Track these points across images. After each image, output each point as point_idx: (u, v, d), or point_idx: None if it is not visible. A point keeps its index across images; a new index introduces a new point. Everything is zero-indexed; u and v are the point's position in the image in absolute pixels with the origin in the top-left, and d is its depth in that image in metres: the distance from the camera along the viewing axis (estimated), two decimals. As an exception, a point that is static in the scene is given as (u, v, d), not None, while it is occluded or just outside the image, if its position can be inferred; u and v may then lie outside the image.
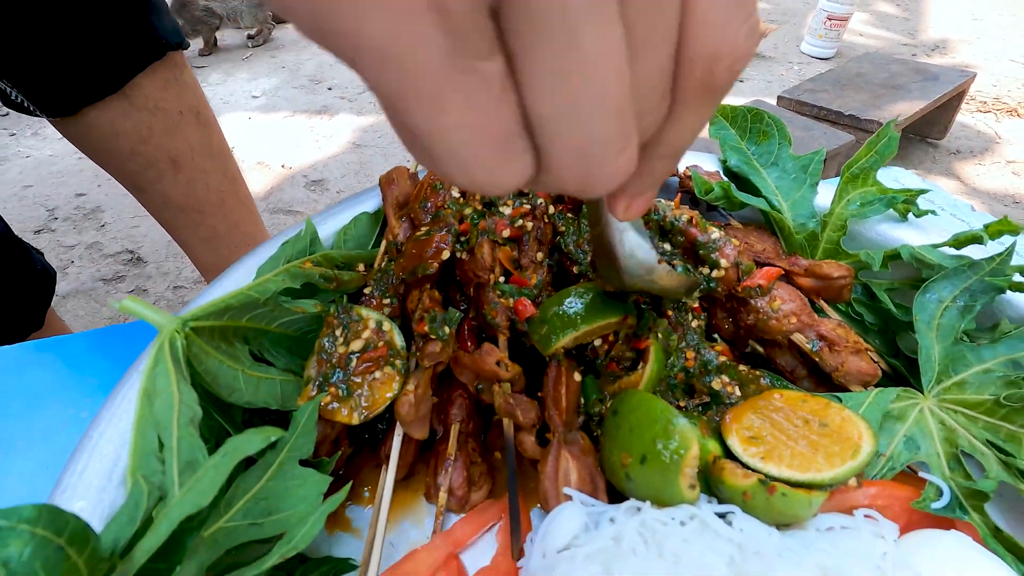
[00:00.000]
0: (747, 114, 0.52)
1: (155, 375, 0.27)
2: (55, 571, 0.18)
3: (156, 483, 0.25)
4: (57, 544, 0.18)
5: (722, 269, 0.41)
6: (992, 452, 0.33)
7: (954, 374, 0.37)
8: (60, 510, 0.18)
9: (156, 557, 0.21)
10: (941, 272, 0.39)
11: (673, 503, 0.30)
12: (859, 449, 0.31)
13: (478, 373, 0.38)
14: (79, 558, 0.18)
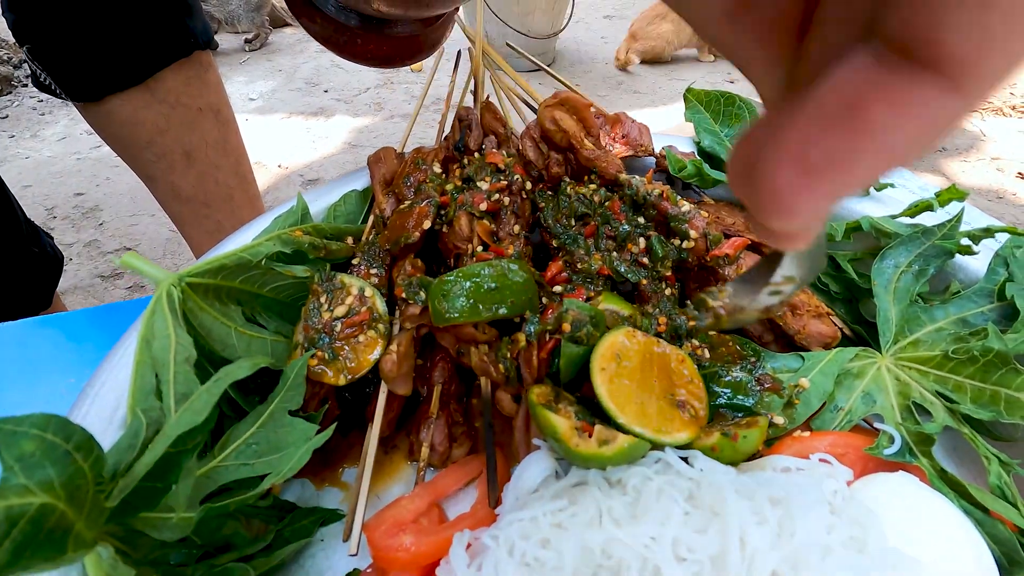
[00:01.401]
0: (720, 98, 0.54)
1: (153, 322, 0.29)
2: (64, 471, 0.19)
3: (154, 418, 0.27)
4: (65, 449, 0.20)
5: (692, 240, 0.43)
6: (940, 401, 0.35)
7: (909, 334, 0.39)
8: (68, 420, 0.20)
9: (154, 475, 0.23)
10: (895, 241, 0.42)
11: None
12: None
13: (458, 337, 0.40)
14: (84, 463, 0.20)
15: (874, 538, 0.28)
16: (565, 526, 0.28)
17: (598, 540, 0.27)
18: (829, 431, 0.37)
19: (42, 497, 0.19)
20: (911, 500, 0.31)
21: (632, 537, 0.27)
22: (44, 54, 0.76)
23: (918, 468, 0.33)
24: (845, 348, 0.40)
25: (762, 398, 0.38)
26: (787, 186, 0.12)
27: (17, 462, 0.19)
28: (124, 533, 0.25)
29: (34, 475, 0.19)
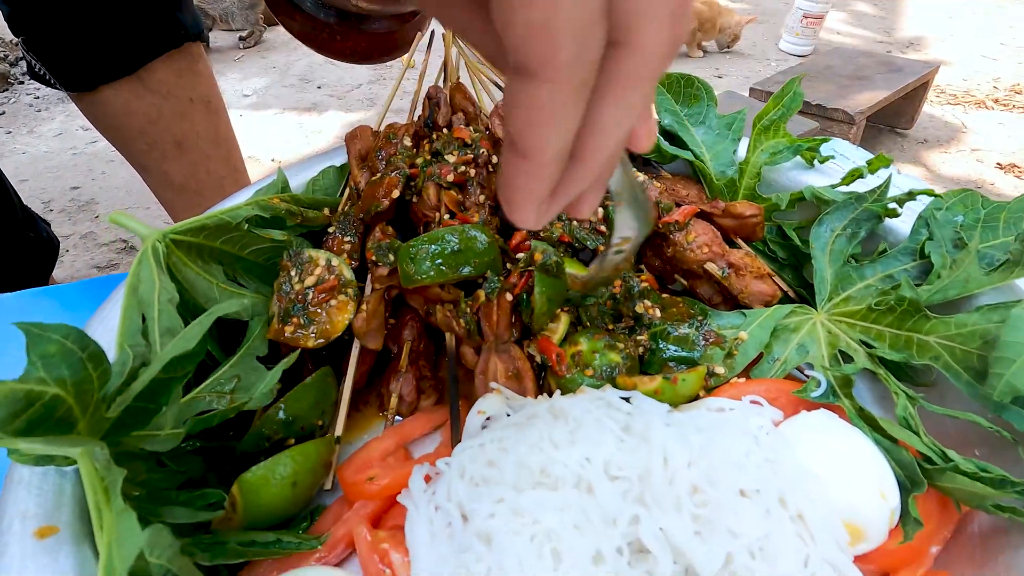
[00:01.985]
0: (680, 80, 0.57)
1: (139, 271, 0.32)
2: (76, 374, 0.23)
3: (140, 352, 0.30)
4: (80, 356, 0.23)
5: (645, 208, 0.46)
6: (862, 348, 0.39)
7: (842, 291, 0.43)
8: (85, 333, 0.23)
9: (146, 396, 0.26)
10: (831, 207, 0.45)
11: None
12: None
13: (425, 297, 0.43)
14: (94, 372, 0.23)
15: (787, 461, 0.32)
16: (508, 449, 0.31)
17: (538, 460, 0.30)
18: (765, 379, 0.40)
19: (56, 390, 0.22)
20: (827, 432, 0.34)
21: (568, 457, 0.30)
22: (38, 45, 0.79)
23: (840, 408, 0.37)
24: (782, 305, 0.43)
25: (706, 351, 0.41)
26: (524, 220, 0.19)
27: (40, 359, 0.22)
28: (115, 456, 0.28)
29: (52, 371, 0.22)
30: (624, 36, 0.15)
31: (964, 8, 3.22)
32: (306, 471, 0.34)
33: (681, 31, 0.16)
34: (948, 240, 0.39)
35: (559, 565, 0.26)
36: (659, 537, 0.28)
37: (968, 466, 0.30)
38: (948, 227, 0.40)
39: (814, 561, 0.29)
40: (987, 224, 0.39)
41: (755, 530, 0.29)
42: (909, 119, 1.87)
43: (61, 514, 0.26)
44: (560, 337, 0.41)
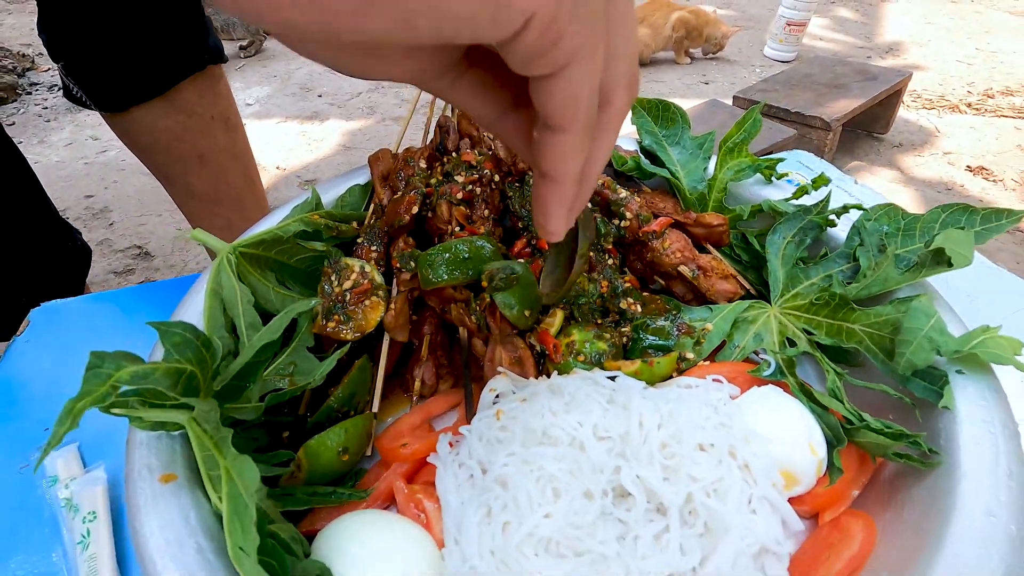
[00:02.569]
0: (659, 105, 0.65)
1: (219, 277, 0.40)
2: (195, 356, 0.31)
3: (226, 343, 0.38)
4: (196, 343, 0.31)
5: (627, 220, 0.55)
6: (804, 335, 0.47)
7: (792, 289, 0.51)
8: (197, 328, 0.31)
9: (240, 376, 0.34)
10: (784, 218, 0.53)
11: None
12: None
13: (440, 297, 0.51)
14: (206, 354, 0.31)
15: (737, 423, 0.40)
16: (516, 417, 0.39)
17: (540, 424, 0.38)
18: (727, 362, 0.48)
19: (190, 367, 0.30)
20: (771, 402, 0.42)
21: (564, 422, 0.38)
22: (76, 70, 0.87)
23: (786, 383, 0.45)
24: (743, 301, 0.51)
25: (679, 340, 0.50)
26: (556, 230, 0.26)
27: (172, 346, 0.30)
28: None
29: (183, 354, 0.30)
30: (607, 100, 0.24)
31: (941, 14, 3.33)
32: (353, 440, 0.42)
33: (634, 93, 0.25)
34: (874, 246, 0.47)
35: (558, 500, 0.34)
36: (636, 482, 0.37)
37: (876, 424, 0.39)
38: (875, 235, 0.48)
39: (756, 499, 0.37)
40: (906, 233, 0.48)
41: (710, 476, 0.37)
42: (885, 124, 1.96)
43: (176, 466, 0.34)
44: (556, 329, 0.50)
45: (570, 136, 0.22)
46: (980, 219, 0.46)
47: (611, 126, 0.25)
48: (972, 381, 0.38)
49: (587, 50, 0.20)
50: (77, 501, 0.43)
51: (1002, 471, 0.33)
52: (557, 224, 0.26)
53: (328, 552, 0.34)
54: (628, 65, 0.24)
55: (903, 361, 0.39)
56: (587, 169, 0.25)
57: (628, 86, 0.24)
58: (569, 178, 0.24)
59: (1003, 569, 0.29)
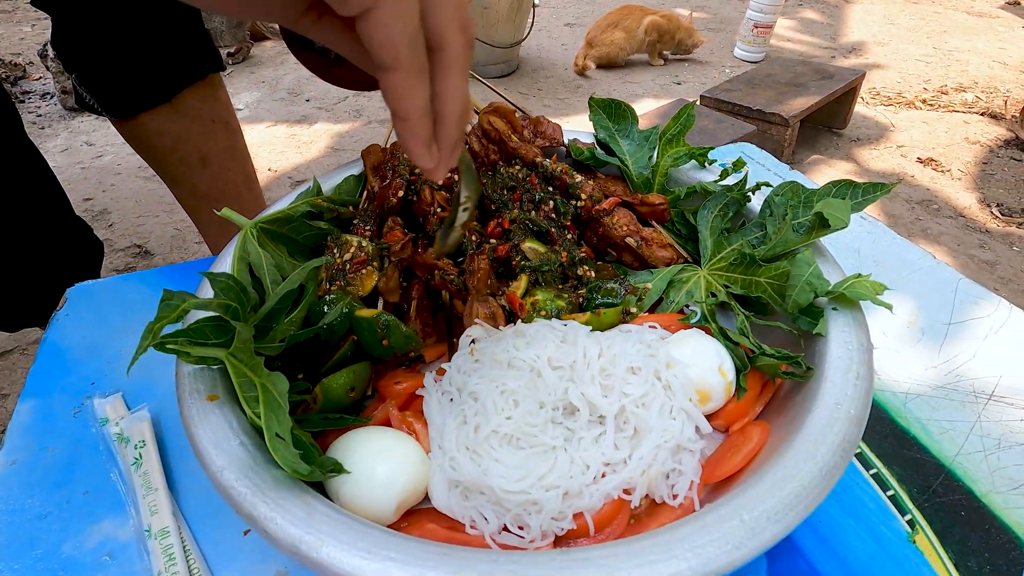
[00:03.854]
0: (612, 104, 0.76)
1: (245, 246, 0.49)
2: (237, 297, 0.40)
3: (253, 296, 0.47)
4: (236, 288, 0.40)
5: (582, 200, 0.65)
6: (723, 289, 0.58)
7: (717, 254, 0.61)
8: (236, 277, 0.41)
9: (267, 318, 0.44)
10: (711, 196, 0.64)
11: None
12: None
13: (426, 267, 0.61)
14: (245, 296, 0.41)
15: (662, 353, 0.50)
16: (486, 351, 0.49)
17: (505, 357, 0.48)
18: (663, 313, 0.59)
19: (232, 303, 0.39)
20: (692, 338, 0.53)
21: (525, 355, 0.48)
22: (89, 80, 0.95)
23: (708, 328, 0.55)
24: (676, 266, 0.62)
25: (625, 298, 0.60)
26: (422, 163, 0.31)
27: (220, 290, 0.39)
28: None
29: (228, 295, 0.39)
30: (437, 43, 0.27)
31: (902, 14, 3.49)
32: (359, 381, 0.52)
33: (471, 35, 0.28)
34: (780, 216, 0.58)
35: (518, 407, 0.44)
36: (581, 398, 0.47)
37: (770, 351, 0.49)
38: (781, 207, 0.59)
39: (675, 409, 0.47)
40: (805, 204, 0.58)
41: (639, 392, 0.47)
42: (843, 120, 2.09)
43: (218, 391, 0.44)
44: (521, 291, 0.60)
45: (397, 74, 0.25)
46: (861, 192, 0.57)
47: (451, 65, 0.27)
48: (842, 314, 0.49)
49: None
50: (128, 435, 0.52)
51: (852, 375, 0.43)
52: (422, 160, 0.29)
53: (339, 453, 0.43)
54: (454, 10, 0.26)
55: (790, 302, 0.50)
56: (439, 108, 0.28)
57: (460, 29, 0.26)
58: (413, 114, 0.27)
59: (840, 438, 0.39)
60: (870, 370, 0.44)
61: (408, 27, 0.24)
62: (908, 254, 0.74)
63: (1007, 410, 0.56)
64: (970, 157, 2.02)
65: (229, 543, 0.46)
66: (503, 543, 0.41)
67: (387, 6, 0.23)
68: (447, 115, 0.29)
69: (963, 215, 1.72)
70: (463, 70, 0.28)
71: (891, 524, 0.48)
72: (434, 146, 0.30)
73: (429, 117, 0.28)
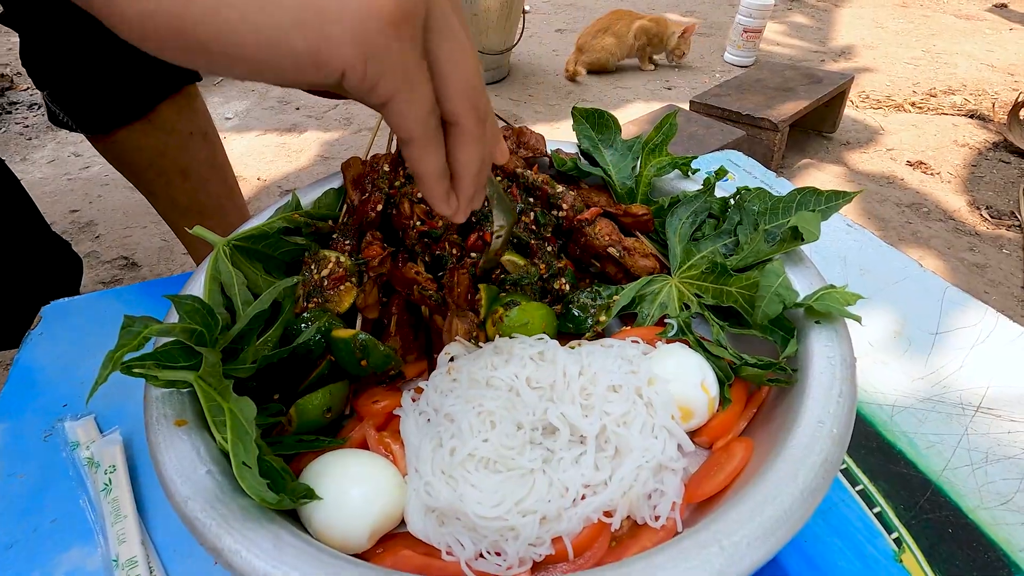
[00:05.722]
0: (595, 114, 0.75)
1: (217, 265, 0.48)
2: (203, 321, 0.39)
3: (224, 317, 0.46)
4: (203, 311, 0.39)
5: (564, 211, 0.64)
6: (695, 299, 0.57)
7: (687, 261, 0.61)
8: (203, 299, 0.40)
9: (237, 340, 0.43)
10: (679, 202, 0.63)
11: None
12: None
13: (405, 281, 0.60)
14: (211, 320, 0.40)
15: (643, 370, 0.49)
16: (463, 370, 0.48)
17: (483, 375, 0.47)
18: (641, 327, 0.58)
19: (198, 327, 0.38)
20: (673, 354, 0.52)
21: (504, 374, 0.47)
22: (61, 97, 0.93)
23: (687, 340, 0.55)
24: (649, 276, 0.61)
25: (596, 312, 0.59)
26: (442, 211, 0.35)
27: (185, 312, 0.38)
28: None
29: (193, 318, 0.38)
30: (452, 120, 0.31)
31: (891, 18, 3.51)
32: (336, 401, 0.50)
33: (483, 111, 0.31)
34: (750, 224, 0.57)
35: (494, 429, 0.43)
36: (560, 418, 0.46)
37: (752, 360, 0.48)
38: (750, 214, 0.58)
39: (656, 428, 0.47)
40: (772, 211, 0.58)
41: (620, 410, 0.46)
42: (832, 124, 2.10)
43: (186, 415, 0.43)
44: (484, 307, 0.58)
45: (412, 146, 0.30)
46: (824, 199, 0.57)
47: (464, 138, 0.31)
48: (825, 328, 0.48)
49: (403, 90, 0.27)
50: (98, 459, 0.51)
51: (835, 392, 0.43)
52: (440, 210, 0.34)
53: (313, 478, 0.42)
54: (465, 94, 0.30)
55: (759, 313, 0.49)
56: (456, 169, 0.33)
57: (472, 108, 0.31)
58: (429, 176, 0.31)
59: (822, 458, 0.38)
60: (853, 386, 0.43)
61: (420, 111, 0.28)
62: (895, 261, 0.73)
63: (995, 422, 0.56)
64: (959, 160, 2.02)
65: (199, 574, 0.45)
66: (479, 570, 0.40)
67: (402, 96, 0.27)
68: (463, 175, 0.33)
69: (953, 218, 1.72)
70: (476, 140, 0.32)
71: (877, 543, 0.47)
72: (453, 197, 0.34)
73: (444, 177, 0.32)
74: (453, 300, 0.58)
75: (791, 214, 0.58)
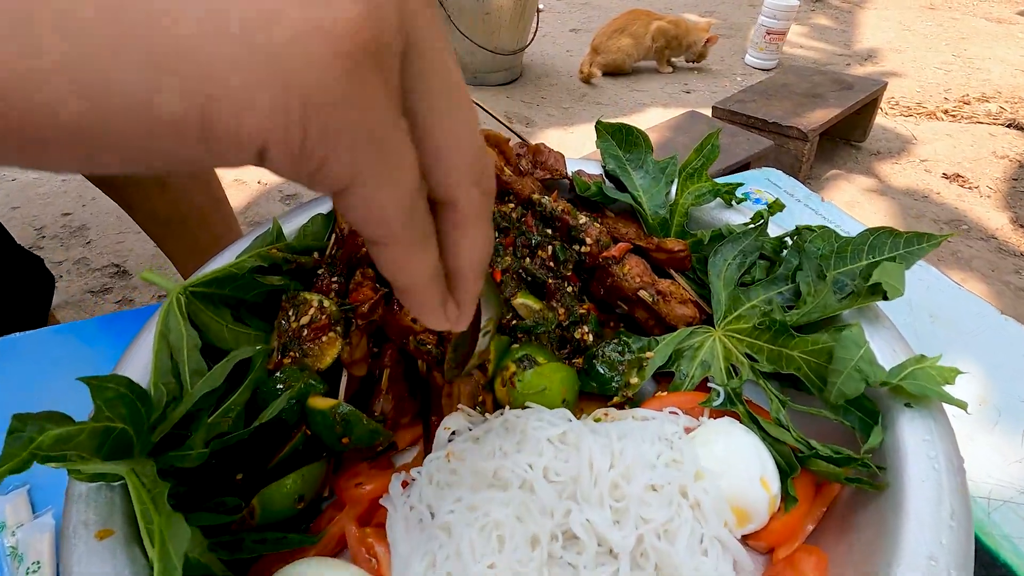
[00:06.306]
0: (622, 129, 0.65)
1: (167, 319, 0.39)
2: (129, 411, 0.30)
3: (170, 390, 0.37)
4: (131, 397, 0.30)
5: (587, 245, 0.55)
6: (747, 361, 0.47)
7: (734, 311, 0.51)
8: (133, 381, 0.31)
9: (181, 425, 0.34)
10: (725, 239, 0.54)
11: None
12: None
13: (401, 329, 0.51)
14: (141, 408, 0.31)
15: (689, 460, 0.40)
16: (467, 458, 0.39)
17: (490, 466, 0.38)
18: (680, 392, 0.48)
19: (121, 425, 0.29)
20: (723, 435, 0.42)
21: (515, 464, 0.38)
22: None
23: (735, 413, 0.45)
24: (686, 328, 0.51)
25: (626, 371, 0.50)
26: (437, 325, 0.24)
27: (103, 402, 0.29)
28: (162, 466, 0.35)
29: (113, 411, 0.29)
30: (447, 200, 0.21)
31: (919, 21, 3.38)
32: (310, 486, 0.41)
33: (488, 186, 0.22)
34: (812, 270, 0.48)
35: (503, 548, 0.34)
36: (586, 526, 0.36)
37: (825, 451, 0.39)
38: (812, 258, 0.48)
39: (707, 539, 0.37)
40: (838, 255, 0.48)
41: (661, 516, 0.37)
42: (862, 132, 1.99)
43: (114, 521, 0.34)
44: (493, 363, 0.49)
45: (391, 249, 0.20)
46: (903, 242, 0.47)
47: (465, 223, 0.22)
48: (919, 415, 0.38)
49: (370, 171, 0.17)
50: (22, 550, 0.42)
51: (945, 511, 0.33)
52: (436, 323, 0.24)
53: (272, 603, 0.33)
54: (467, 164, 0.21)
55: (834, 391, 0.40)
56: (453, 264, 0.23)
57: (474, 183, 0.21)
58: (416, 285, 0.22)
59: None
60: (966, 502, 0.34)
61: (401, 199, 0.19)
62: (969, 305, 0.63)
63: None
64: (999, 173, 1.90)
65: None
66: None
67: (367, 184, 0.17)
68: (464, 272, 0.23)
69: (995, 236, 1.61)
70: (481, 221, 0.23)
71: None
72: (450, 303, 0.24)
73: (438, 281, 0.23)
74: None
75: (861, 259, 0.48)
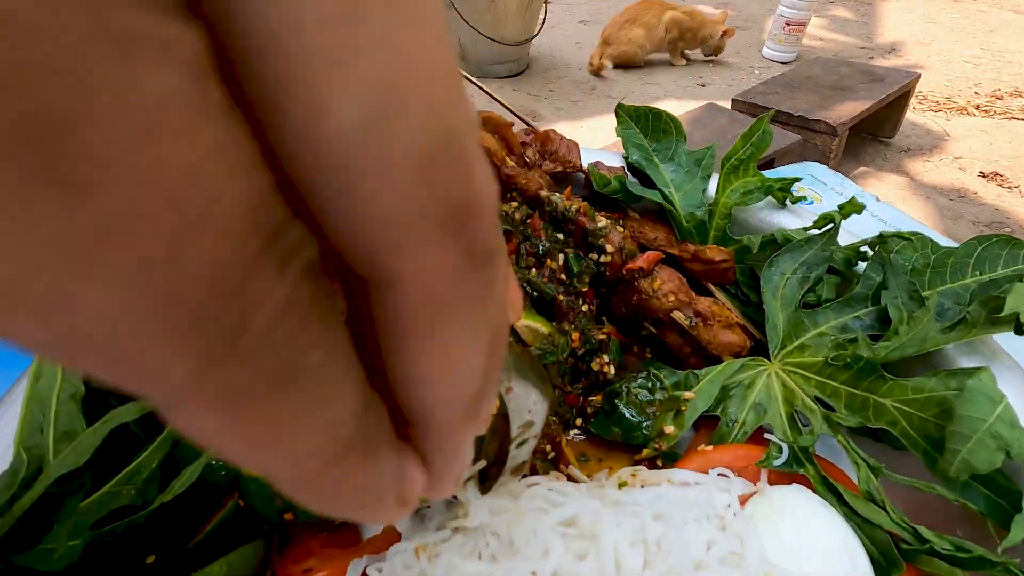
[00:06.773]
0: (648, 114, 0.55)
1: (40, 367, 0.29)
2: None
3: (36, 456, 0.27)
4: None
5: (608, 254, 0.44)
6: (818, 408, 0.36)
7: (796, 339, 0.40)
8: None
9: (34, 514, 0.23)
10: (783, 248, 0.43)
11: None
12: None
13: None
14: None
15: (752, 552, 0.29)
16: (440, 555, 0.28)
17: (473, 570, 0.27)
18: (729, 444, 0.37)
19: None
20: (798, 512, 0.32)
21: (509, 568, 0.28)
22: None
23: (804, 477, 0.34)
24: (734, 361, 0.40)
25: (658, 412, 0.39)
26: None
27: None
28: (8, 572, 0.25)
29: None
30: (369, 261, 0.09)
31: (943, 13, 3.24)
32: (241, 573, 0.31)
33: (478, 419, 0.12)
34: (903, 289, 0.37)
35: None
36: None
37: (944, 545, 0.28)
38: (901, 274, 0.37)
39: (780, 671, 0.26)
40: (935, 269, 0.37)
41: (717, 640, 0.26)
42: (892, 127, 1.86)
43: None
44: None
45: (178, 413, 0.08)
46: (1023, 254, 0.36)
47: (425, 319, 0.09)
48: (1078, 498, 0.27)
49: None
50: None
51: None
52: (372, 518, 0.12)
53: None
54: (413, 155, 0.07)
55: (957, 461, 0.29)
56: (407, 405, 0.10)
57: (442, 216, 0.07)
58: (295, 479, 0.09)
59: None
60: None
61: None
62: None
63: None
64: (1038, 171, 1.78)
65: None
66: None
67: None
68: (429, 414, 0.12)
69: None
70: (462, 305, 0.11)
71: None
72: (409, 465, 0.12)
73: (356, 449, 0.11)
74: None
75: (966, 275, 0.37)
